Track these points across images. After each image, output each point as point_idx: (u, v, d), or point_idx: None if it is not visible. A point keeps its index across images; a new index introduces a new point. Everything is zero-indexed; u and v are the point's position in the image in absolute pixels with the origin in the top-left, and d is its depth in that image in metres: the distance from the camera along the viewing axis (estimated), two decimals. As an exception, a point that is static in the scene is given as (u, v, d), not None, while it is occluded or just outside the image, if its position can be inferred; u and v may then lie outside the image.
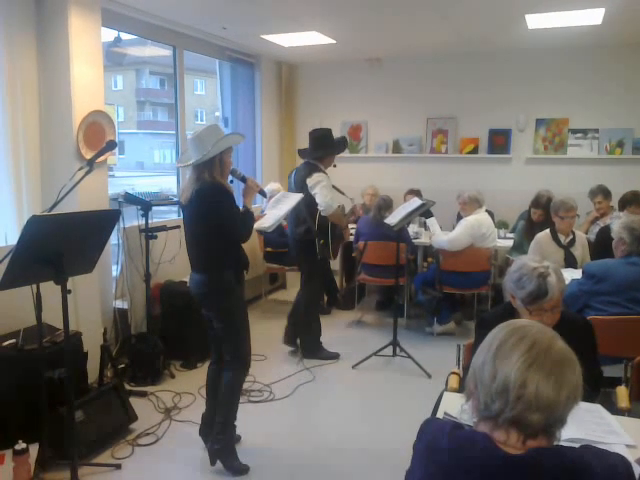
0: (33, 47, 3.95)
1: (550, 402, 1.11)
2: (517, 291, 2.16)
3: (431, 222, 5.29)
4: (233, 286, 3.00)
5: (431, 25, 5.34)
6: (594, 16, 4.85)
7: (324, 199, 4.32)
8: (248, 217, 3.05)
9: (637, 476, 1.38)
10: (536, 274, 2.12)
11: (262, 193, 3.30)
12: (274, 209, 3.80)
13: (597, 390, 2.30)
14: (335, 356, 4.71)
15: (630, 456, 1.51)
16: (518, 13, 4.81)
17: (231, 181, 3.13)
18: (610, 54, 6.10)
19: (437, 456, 1.22)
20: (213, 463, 3.06)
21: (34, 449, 2.85)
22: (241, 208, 3.05)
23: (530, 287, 2.11)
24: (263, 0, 4.50)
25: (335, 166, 4.63)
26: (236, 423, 3.18)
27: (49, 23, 3.94)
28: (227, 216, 2.91)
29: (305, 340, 4.73)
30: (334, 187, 4.80)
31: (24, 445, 2.73)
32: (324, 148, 4.50)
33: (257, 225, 3.35)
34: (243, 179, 3.17)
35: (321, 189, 4.35)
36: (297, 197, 3.96)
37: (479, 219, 5.01)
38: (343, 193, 4.90)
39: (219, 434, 3.06)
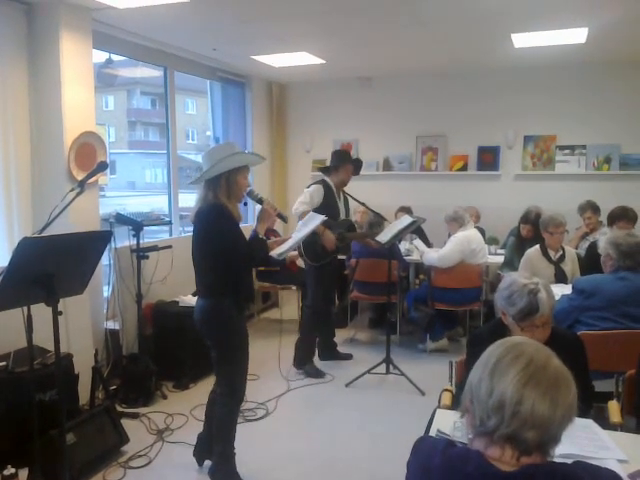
0: (24, 69, 3.97)
1: (545, 420, 1.12)
2: (508, 308, 2.18)
3: (417, 243, 5.39)
4: (231, 316, 2.85)
5: (419, 45, 5.41)
6: (578, 35, 4.94)
7: (296, 203, 4.50)
8: (256, 244, 2.86)
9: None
10: (527, 291, 2.14)
11: (281, 217, 3.12)
12: (298, 232, 3.55)
13: (589, 406, 2.30)
14: (321, 375, 4.69)
15: (622, 471, 1.52)
16: (504, 33, 4.89)
17: (245, 203, 2.99)
18: (595, 71, 6.20)
19: (430, 474, 1.22)
20: None
21: (24, 474, 2.80)
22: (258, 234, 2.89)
23: (521, 304, 2.13)
24: (253, 22, 4.56)
25: (345, 184, 4.81)
26: (235, 451, 3.09)
27: (41, 45, 3.96)
28: (222, 241, 2.76)
29: (298, 351, 4.77)
30: (365, 206, 5.02)
31: (13, 470, 2.69)
32: (333, 162, 4.71)
33: (274, 252, 3.10)
34: (260, 201, 2.97)
35: (303, 195, 4.56)
36: (318, 219, 3.65)
37: (468, 235, 5.04)
38: (379, 214, 5.06)
39: (219, 464, 3.00)
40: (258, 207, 3.07)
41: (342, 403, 4.19)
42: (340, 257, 5.92)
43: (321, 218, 3.61)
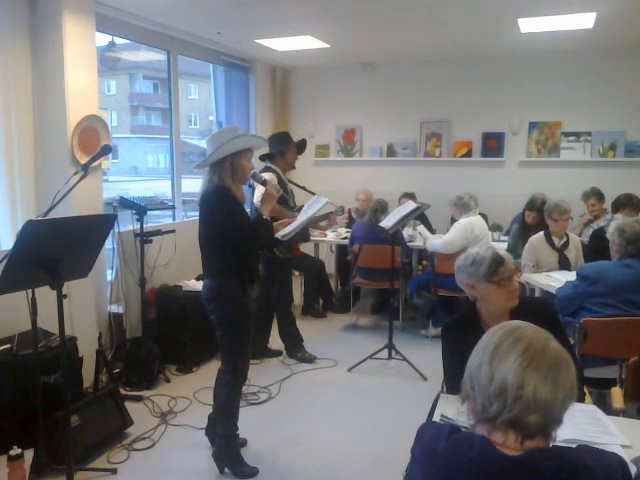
0: (27, 53, 3.94)
1: (548, 403, 1.12)
2: (477, 271, 2.20)
3: (421, 229, 5.39)
4: (235, 295, 2.88)
5: (424, 30, 5.36)
6: (586, 20, 4.89)
7: (256, 196, 4.09)
8: (261, 226, 2.89)
9: (633, 475, 1.39)
10: (484, 249, 2.25)
11: (284, 199, 3.07)
12: (302, 214, 3.45)
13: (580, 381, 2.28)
14: (313, 359, 4.69)
15: (626, 456, 1.52)
16: (511, 17, 4.84)
17: (249, 186, 2.99)
18: (602, 57, 6.14)
19: (435, 460, 1.22)
20: (222, 472, 3.03)
21: (29, 454, 2.83)
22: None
23: (487, 259, 2.20)
24: (257, 5, 4.52)
25: (294, 167, 4.68)
26: (238, 430, 3.13)
27: (43, 29, 3.93)
28: (226, 223, 2.79)
29: (287, 341, 4.78)
30: (306, 190, 4.83)
31: (19, 450, 2.71)
32: (278, 147, 4.51)
33: (278, 234, 3.13)
34: (263, 183, 3.03)
35: (259, 186, 4.30)
36: (322, 202, 3.53)
37: (472, 221, 5.02)
38: (312, 193, 4.87)
39: (222, 446, 3.03)
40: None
41: (344, 388, 4.21)
42: (341, 243, 5.96)
43: (325, 201, 3.54)
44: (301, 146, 4.71)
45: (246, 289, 2.93)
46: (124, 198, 4.28)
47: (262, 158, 4.63)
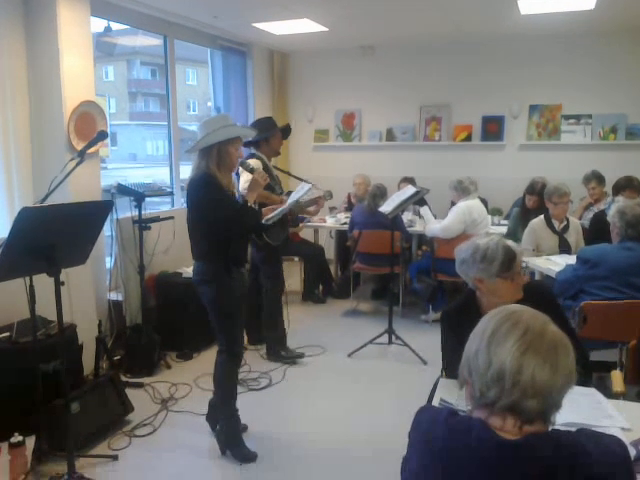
0: (22, 39, 3.90)
1: (546, 387, 1.11)
2: (487, 268, 2.12)
3: (424, 211, 5.34)
4: (223, 278, 2.95)
5: (424, 12, 5.30)
6: (587, 1, 4.83)
7: (242, 183, 3.98)
8: (245, 212, 2.97)
9: (633, 458, 1.38)
10: (495, 242, 2.15)
11: (271, 188, 3.17)
12: (289, 200, 3.54)
13: (586, 366, 2.27)
14: (300, 356, 4.44)
15: (625, 439, 1.52)
16: (511, -2, 4.79)
17: (236, 173, 3.03)
18: (603, 39, 6.08)
19: (433, 443, 1.21)
20: (223, 452, 3.08)
21: (30, 441, 2.84)
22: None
23: (500, 256, 2.12)
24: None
25: (279, 154, 4.52)
26: (239, 413, 3.16)
27: (37, 14, 3.88)
28: (211, 210, 2.86)
29: (270, 340, 4.48)
30: (292, 175, 4.83)
31: (20, 438, 2.73)
32: (262, 133, 4.28)
33: (263, 219, 3.21)
34: (252, 171, 3.12)
35: (245, 174, 4.02)
36: (305, 188, 3.60)
37: (469, 205, 4.99)
38: (303, 180, 4.83)
39: (224, 426, 3.09)
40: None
41: (345, 373, 4.21)
42: (341, 228, 5.94)
43: (308, 187, 3.61)
44: (285, 131, 4.61)
45: (231, 271, 2.98)
46: (122, 185, 4.24)
47: (246, 145, 4.52)
